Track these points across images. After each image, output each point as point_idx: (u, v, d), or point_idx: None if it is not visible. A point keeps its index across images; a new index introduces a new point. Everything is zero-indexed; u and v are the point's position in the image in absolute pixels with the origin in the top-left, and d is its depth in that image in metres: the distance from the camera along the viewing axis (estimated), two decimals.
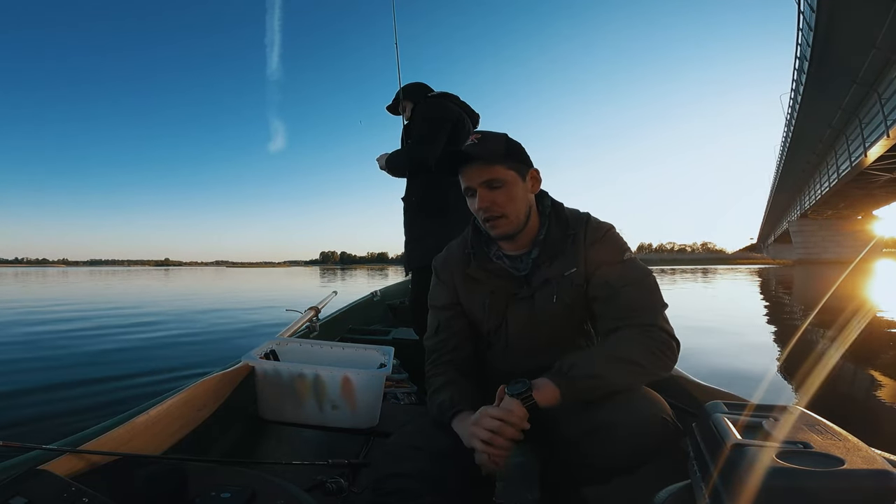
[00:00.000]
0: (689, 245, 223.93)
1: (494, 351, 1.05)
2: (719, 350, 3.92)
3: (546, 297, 0.98)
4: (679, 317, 3.71)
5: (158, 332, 5.11)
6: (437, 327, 1.07)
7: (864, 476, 0.50)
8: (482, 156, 0.92)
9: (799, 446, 0.56)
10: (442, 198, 1.90)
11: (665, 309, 0.92)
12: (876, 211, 35.30)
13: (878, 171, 20.17)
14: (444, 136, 1.89)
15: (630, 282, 0.92)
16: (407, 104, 2.08)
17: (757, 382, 2.91)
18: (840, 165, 22.32)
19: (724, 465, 0.58)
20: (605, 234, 0.98)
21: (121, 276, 28.52)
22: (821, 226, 38.75)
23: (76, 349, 4.05)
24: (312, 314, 2.20)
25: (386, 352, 1.55)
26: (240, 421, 1.30)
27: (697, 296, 10.48)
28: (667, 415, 0.81)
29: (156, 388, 2.68)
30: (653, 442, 0.79)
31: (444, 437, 0.88)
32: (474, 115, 2.08)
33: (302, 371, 1.28)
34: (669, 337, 0.88)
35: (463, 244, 1.07)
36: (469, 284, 1.04)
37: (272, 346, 1.51)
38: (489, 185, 0.93)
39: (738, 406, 0.70)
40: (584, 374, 0.82)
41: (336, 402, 1.28)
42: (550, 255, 0.98)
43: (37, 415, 2.33)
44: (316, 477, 1.07)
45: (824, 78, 16.15)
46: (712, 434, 0.64)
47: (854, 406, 2.54)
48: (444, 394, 0.94)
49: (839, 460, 0.53)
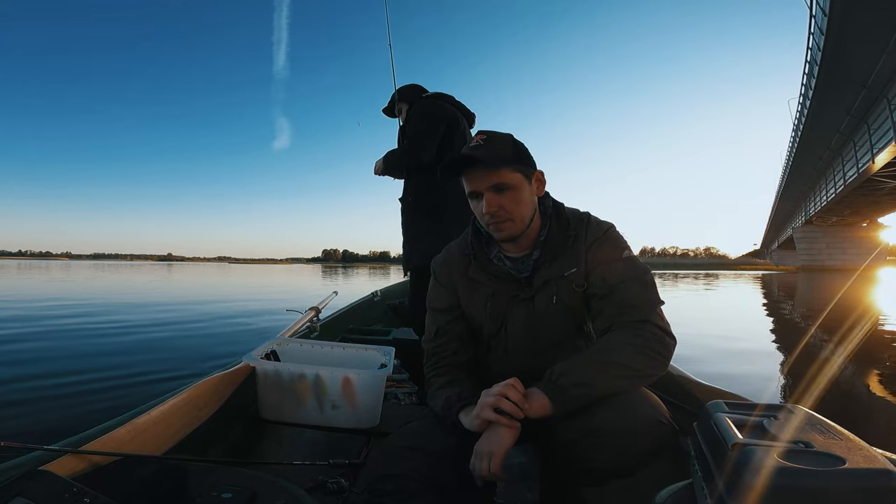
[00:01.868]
0: (691, 250, 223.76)
1: (494, 353, 1.05)
2: (721, 352, 3.92)
3: (546, 298, 0.97)
4: (680, 317, 3.67)
5: (159, 331, 5.11)
6: (436, 331, 1.06)
7: (865, 475, 0.50)
8: (489, 160, 0.91)
9: (800, 445, 0.56)
10: (439, 198, 1.91)
11: (661, 305, 0.92)
12: (881, 218, 35.29)
13: (884, 178, 20.14)
14: (440, 136, 1.90)
15: (626, 278, 0.92)
16: (402, 105, 2.08)
17: (758, 383, 2.91)
18: (847, 172, 22.30)
19: (725, 464, 0.58)
20: (606, 233, 0.98)
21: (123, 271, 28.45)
22: (825, 233, 38.76)
23: (76, 349, 4.05)
24: (313, 314, 2.20)
25: (386, 352, 1.55)
26: (240, 421, 1.30)
27: (703, 300, 10.48)
28: (662, 416, 0.81)
29: (156, 389, 2.69)
30: (648, 444, 0.79)
31: (442, 437, 0.88)
32: (470, 115, 2.08)
33: (302, 371, 1.28)
34: (664, 333, 0.87)
35: (463, 246, 1.06)
36: (470, 286, 1.04)
37: (273, 346, 1.51)
38: (496, 188, 0.92)
39: (740, 406, 0.70)
40: (573, 382, 0.82)
41: (337, 402, 1.28)
42: (551, 256, 0.97)
43: (37, 415, 2.33)
44: (316, 477, 1.07)
45: (834, 82, 16.13)
46: (713, 434, 0.64)
47: (855, 405, 2.54)
48: (450, 389, 0.94)
49: (841, 459, 0.53)
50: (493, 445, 0.80)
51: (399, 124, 2.13)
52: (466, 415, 0.87)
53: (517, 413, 0.80)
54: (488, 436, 0.82)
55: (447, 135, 1.92)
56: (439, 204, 1.90)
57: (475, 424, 0.84)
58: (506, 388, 0.82)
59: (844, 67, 14.95)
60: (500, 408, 0.81)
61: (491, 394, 0.82)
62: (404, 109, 2.08)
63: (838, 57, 14.56)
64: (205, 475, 0.77)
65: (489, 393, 0.83)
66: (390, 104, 2.15)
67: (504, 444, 0.80)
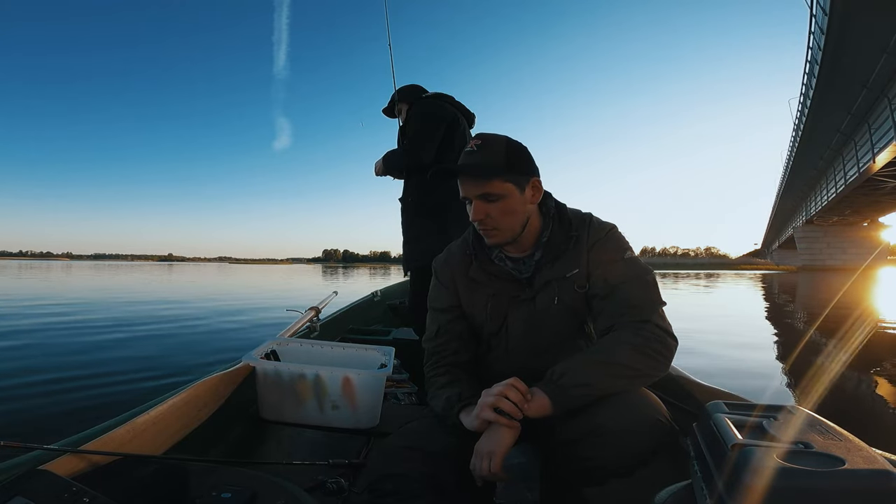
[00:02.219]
0: (692, 250, 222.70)
1: (495, 353, 1.05)
2: (721, 353, 3.92)
3: (547, 298, 0.97)
4: (680, 317, 3.64)
5: (158, 332, 5.12)
6: (436, 330, 1.06)
7: (865, 476, 0.50)
8: (476, 173, 0.91)
9: (800, 446, 0.56)
10: (439, 198, 1.91)
11: (662, 306, 0.91)
12: (882, 218, 35.26)
13: (885, 178, 20.10)
14: (439, 136, 1.90)
15: (628, 279, 0.92)
16: (402, 106, 2.09)
17: (758, 383, 2.91)
18: (848, 171, 22.25)
19: (725, 465, 0.58)
20: (608, 233, 0.98)
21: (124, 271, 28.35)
22: (826, 232, 38.69)
23: (76, 349, 4.05)
24: (313, 314, 2.20)
25: (386, 352, 1.55)
26: (240, 421, 1.30)
27: (703, 300, 10.48)
28: (661, 416, 0.80)
29: (156, 388, 2.68)
30: (647, 444, 0.79)
31: (442, 437, 0.88)
32: (470, 116, 2.09)
33: (302, 371, 1.28)
34: (665, 334, 0.87)
35: (464, 246, 1.06)
36: (471, 287, 1.04)
37: (273, 346, 1.51)
38: (484, 197, 0.92)
39: (739, 406, 0.70)
40: (573, 383, 0.82)
41: (337, 402, 1.28)
42: (553, 257, 0.97)
43: (37, 414, 2.33)
44: (316, 477, 1.07)
45: (835, 82, 16.07)
46: (713, 434, 0.64)
47: (855, 406, 2.53)
48: (451, 389, 0.94)
49: (840, 460, 0.53)
50: (494, 445, 0.80)
51: (399, 124, 2.13)
52: (467, 415, 0.87)
53: (516, 413, 0.80)
54: (488, 436, 0.82)
55: (447, 135, 1.92)
56: (440, 204, 1.91)
57: (475, 425, 0.84)
58: (506, 387, 0.82)
59: (845, 67, 14.92)
60: (499, 408, 0.81)
61: (491, 394, 0.82)
62: (404, 110, 2.08)
63: (839, 56, 14.52)
64: (204, 475, 0.77)
65: (489, 393, 0.83)
66: (390, 104, 2.16)
67: (504, 443, 0.80)
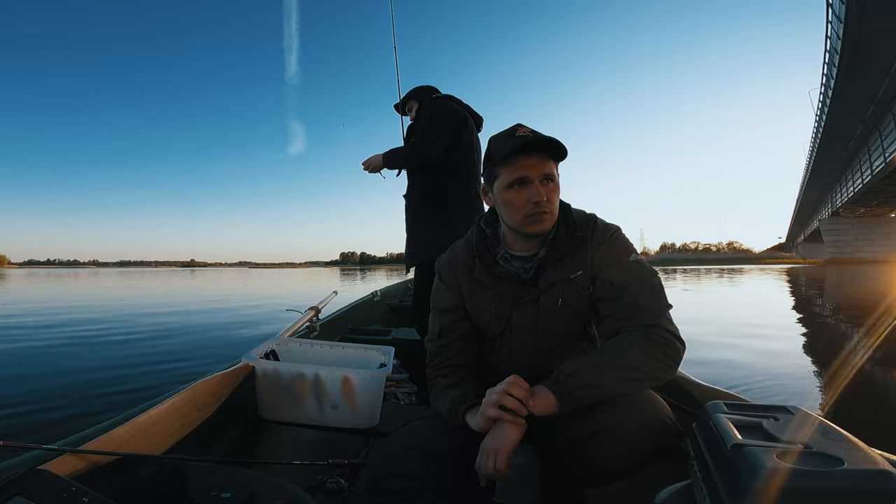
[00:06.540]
0: (714, 244, 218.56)
1: (498, 354, 1.04)
2: (727, 353, 3.92)
3: (552, 300, 0.97)
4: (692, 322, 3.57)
5: (158, 330, 5.12)
6: (439, 331, 1.06)
7: (864, 476, 0.50)
8: (558, 147, 0.91)
9: (799, 447, 0.56)
10: (442, 194, 1.92)
11: (669, 310, 0.91)
12: None
13: None
14: (448, 136, 1.92)
15: (635, 282, 0.91)
16: (413, 104, 2.10)
17: (758, 383, 2.91)
18: (874, 162, 21.60)
19: (724, 465, 0.58)
20: (612, 235, 0.97)
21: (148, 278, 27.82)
22: (853, 224, 37.80)
23: (75, 348, 4.05)
24: (312, 314, 2.20)
25: (386, 352, 1.55)
26: (240, 421, 1.30)
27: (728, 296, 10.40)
28: (667, 416, 0.80)
29: (156, 388, 2.68)
30: (652, 444, 0.79)
31: (443, 437, 0.88)
32: (478, 118, 2.10)
33: (302, 371, 1.28)
34: (673, 337, 0.86)
35: (468, 247, 1.06)
36: (474, 288, 1.03)
37: (272, 346, 1.51)
38: (548, 178, 0.92)
39: (739, 406, 0.70)
40: (581, 383, 0.81)
41: (336, 402, 1.28)
42: (557, 257, 0.97)
43: (37, 415, 2.33)
44: (316, 477, 1.07)
45: (855, 71, 15.60)
46: (713, 434, 0.64)
47: (854, 406, 2.53)
48: (456, 390, 0.94)
49: (839, 460, 0.53)
50: (499, 442, 0.80)
51: (409, 121, 2.15)
52: (473, 416, 0.87)
53: (521, 410, 0.80)
54: (494, 433, 0.82)
55: (456, 135, 1.94)
56: (443, 200, 1.92)
57: (481, 424, 0.84)
58: (509, 385, 0.82)
59: (866, 55, 14.49)
60: (504, 405, 0.81)
61: (495, 391, 0.82)
62: (414, 107, 2.10)
63: (858, 45, 14.11)
64: (204, 475, 0.77)
65: (493, 391, 0.83)
66: (402, 100, 2.18)
67: (510, 440, 0.80)
